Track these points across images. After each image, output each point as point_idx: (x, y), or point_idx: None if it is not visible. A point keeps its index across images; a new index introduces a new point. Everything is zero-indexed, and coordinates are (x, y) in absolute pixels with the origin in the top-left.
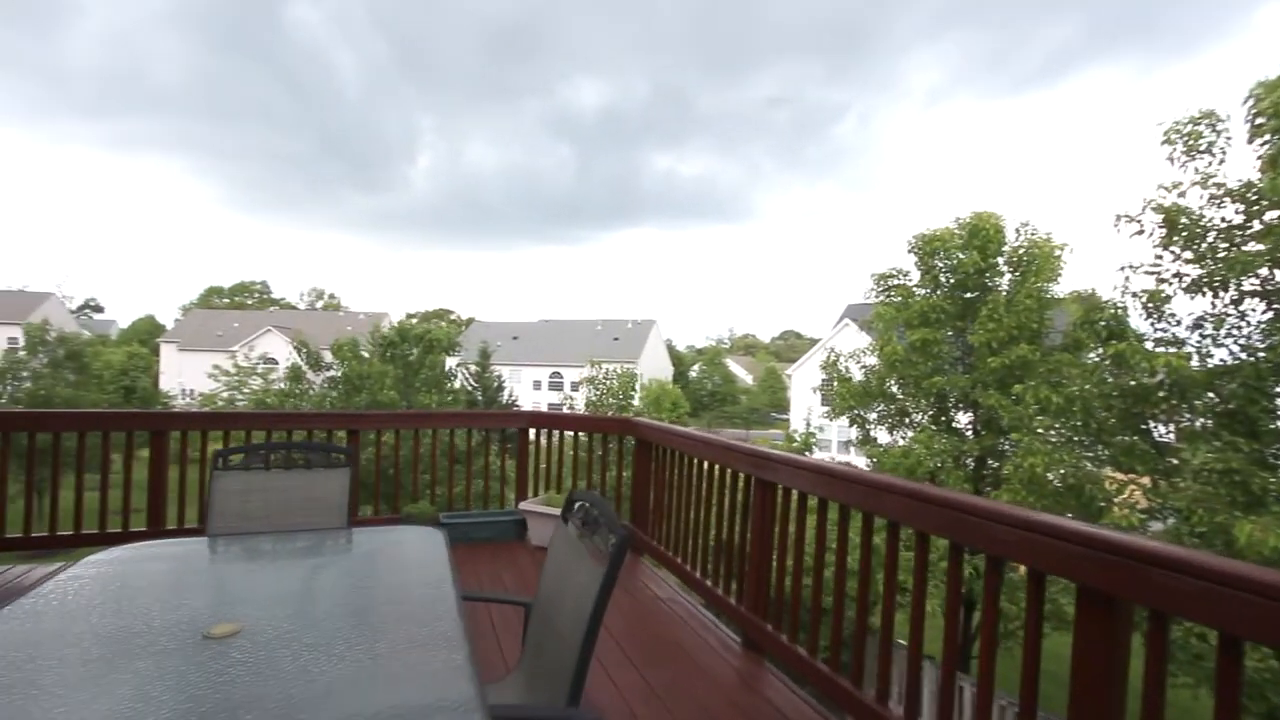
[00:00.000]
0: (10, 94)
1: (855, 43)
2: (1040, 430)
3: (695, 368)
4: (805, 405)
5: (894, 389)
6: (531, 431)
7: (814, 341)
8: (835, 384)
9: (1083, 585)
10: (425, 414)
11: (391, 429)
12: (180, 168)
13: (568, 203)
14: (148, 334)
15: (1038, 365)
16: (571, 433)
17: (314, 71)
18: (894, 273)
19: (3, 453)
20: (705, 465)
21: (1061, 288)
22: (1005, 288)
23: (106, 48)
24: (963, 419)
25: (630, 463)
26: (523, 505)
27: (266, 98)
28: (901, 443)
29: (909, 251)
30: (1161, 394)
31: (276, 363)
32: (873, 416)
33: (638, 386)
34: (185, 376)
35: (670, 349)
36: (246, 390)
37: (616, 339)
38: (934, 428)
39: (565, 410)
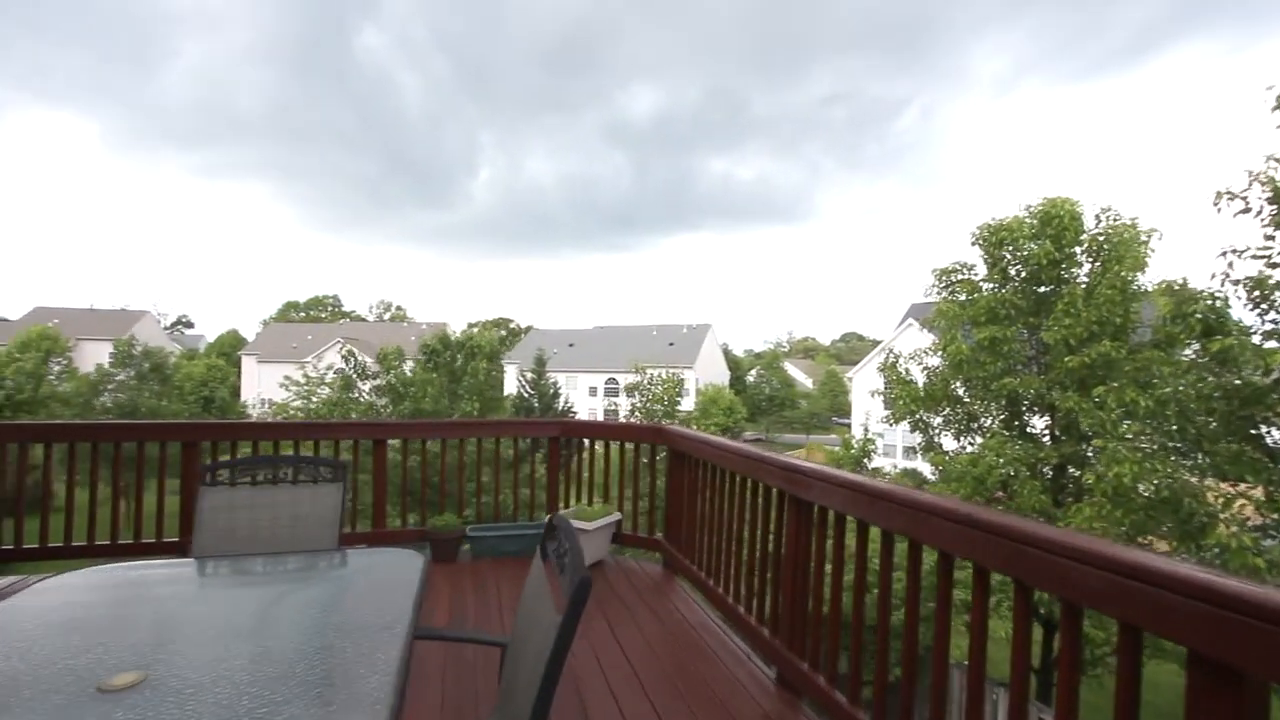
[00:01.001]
0: (115, 127)
1: (916, 34)
2: (1128, 436)
3: (753, 372)
4: (867, 409)
5: (960, 391)
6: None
7: (876, 343)
8: (894, 387)
9: (1196, 652)
10: (451, 423)
11: (418, 438)
12: (263, 191)
13: (624, 210)
14: (231, 347)
15: (1122, 364)
16: (602, 442)
17: (381, 95)
18: (958, 267)
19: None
20: (737, 478)
21: (1149, 278)
22: (1083, 279)
23: (198, 83)
24: (1038, 423)
25: (664, 473)
26: (550, 518)
27: (339, 122)
28: (970, 449)
29: (974, 244)
30: (1277, 395)
31: (343, 372)
32: (937, 421)
33: (684, 392)
34: (263, 387)
35: (727, 353)
36: (315, 399)
37: (672, 344)
38: (1006, 433)
39: (605, 418)
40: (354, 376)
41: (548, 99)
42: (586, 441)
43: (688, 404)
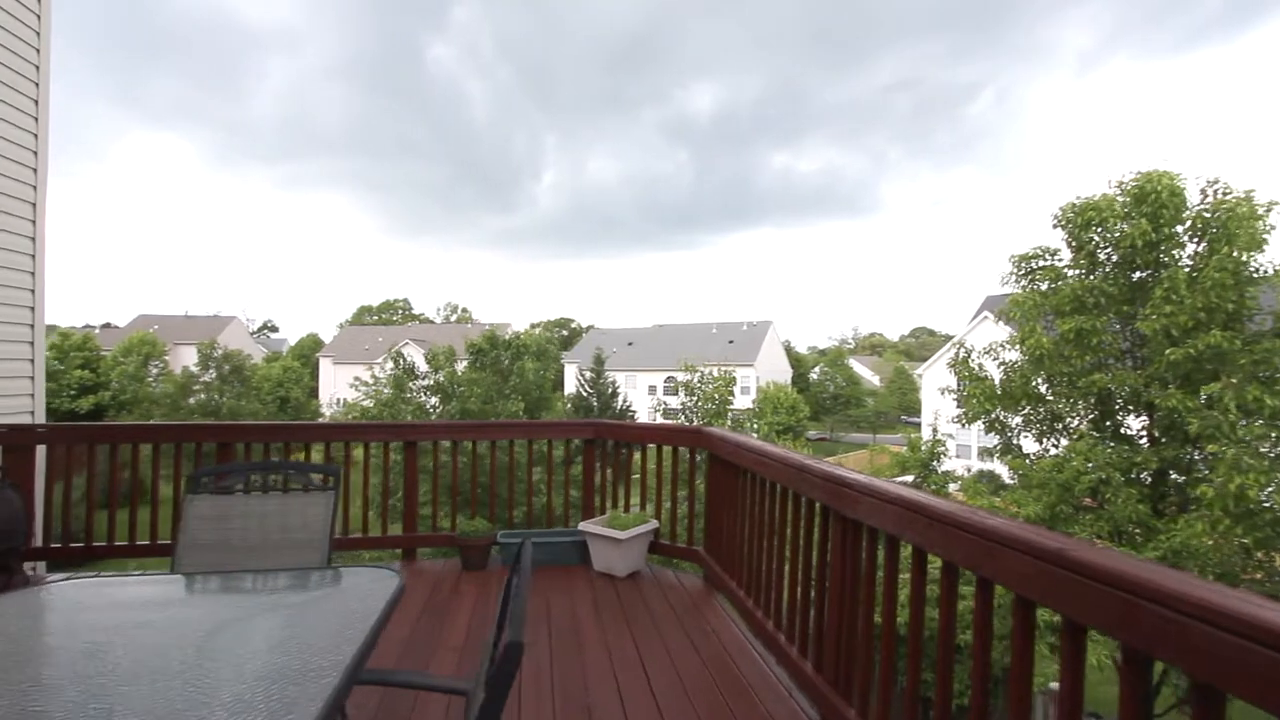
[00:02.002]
0: (207, 146)
1: (989, 14)
2: (1249, 439)
3: (816, 369)
4: (938, 408)
5: (1042, 388)
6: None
7: (949, 338)
8: (967, 384)
9: None
10: (481, 424)
11: (448, 440)
12: (343, 201)
13: (685, 208)
14: (310, 350)
15: (1237, 356)
16: (639, 445)
17: (451, 104)
18: (1038, 253)
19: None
20: (778, 488)
21: (1268, 258)
22: (1187, 262)
23: (282, 102)
24: (1133, 424)
25: (704, 478)
26: (582, 525)
27: (412, 133)
28: (1054, 452)
29: (1056, 226)
30: None
31: (424, 373)
32: (1016, 421)
33: (739, 390)
34: (338, 388)
35: (789, 350)
36: (374, 400)
37: (732, 342)
38: (1095, 435)
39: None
40: (404, 376)
41: (609, 100)
42: (623, 445)
43: (744, 402)
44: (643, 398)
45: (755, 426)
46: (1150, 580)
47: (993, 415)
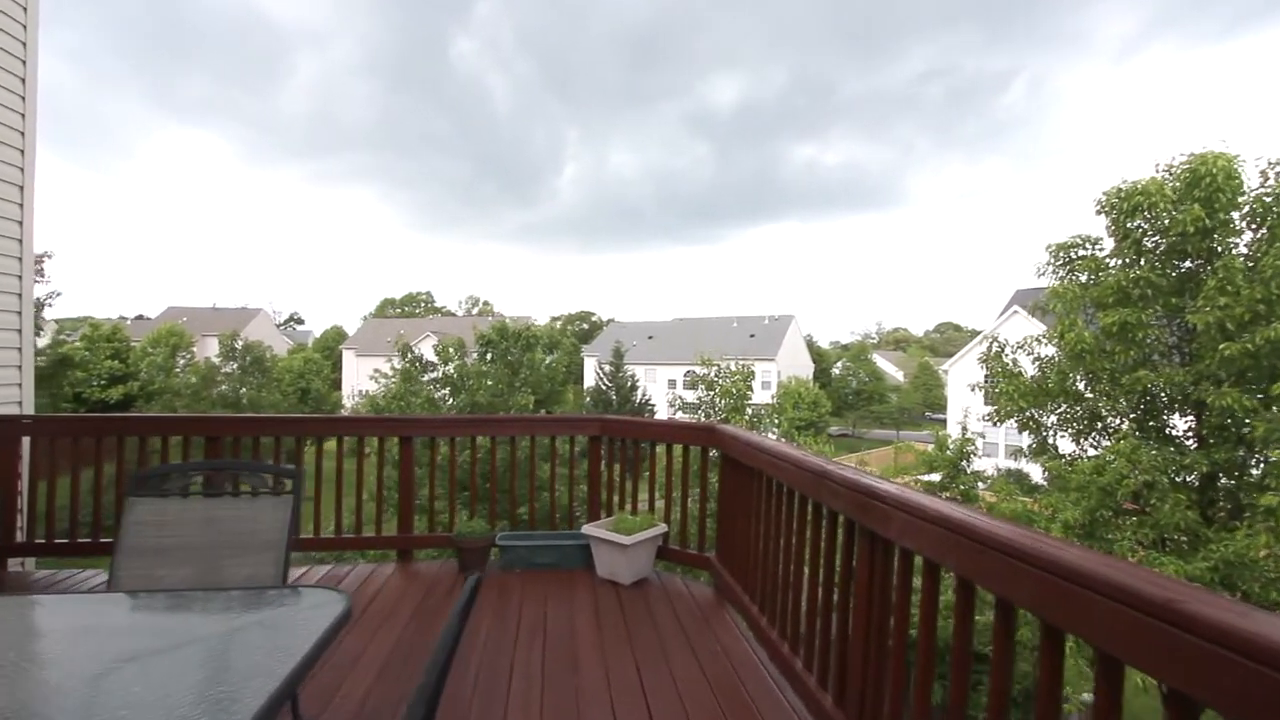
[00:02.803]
0: (238, 141)
1: (1020, 1)
2: None
3: (839, 364)
4: (965, 405)
5: (1080, 386)
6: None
7: (975, 333)
8: (1000, 380)
9: None
10: (482, 419)
11: (446, 435)
12: (368, 195)
13: (706, 201)
14: (335, 342)
15: None
16: (647, 443)
17: (473, 99)
18: (1078, 242)
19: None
20: (795, 496)
21: None
22: (1243, 250)
23: (311, 98)
24: (1180, 424)
25: (716, 480)
26: (586, 529)
27: (436, 128)
28: (1093, 453)
29: (1099, 212)
30: None
31: (433, 365)
32: (1050, 420)
33: (759, 384)
34: (360, 379)
35: (811, 345)
36: (413, 389)
37: (753, 336)
38: (1138, 435)
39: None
40: (413, 369)
41: (630, 93)
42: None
43: (765, 397)
44: (662, 391)
45: (776, 423)
46: None
47: (1027, 413)
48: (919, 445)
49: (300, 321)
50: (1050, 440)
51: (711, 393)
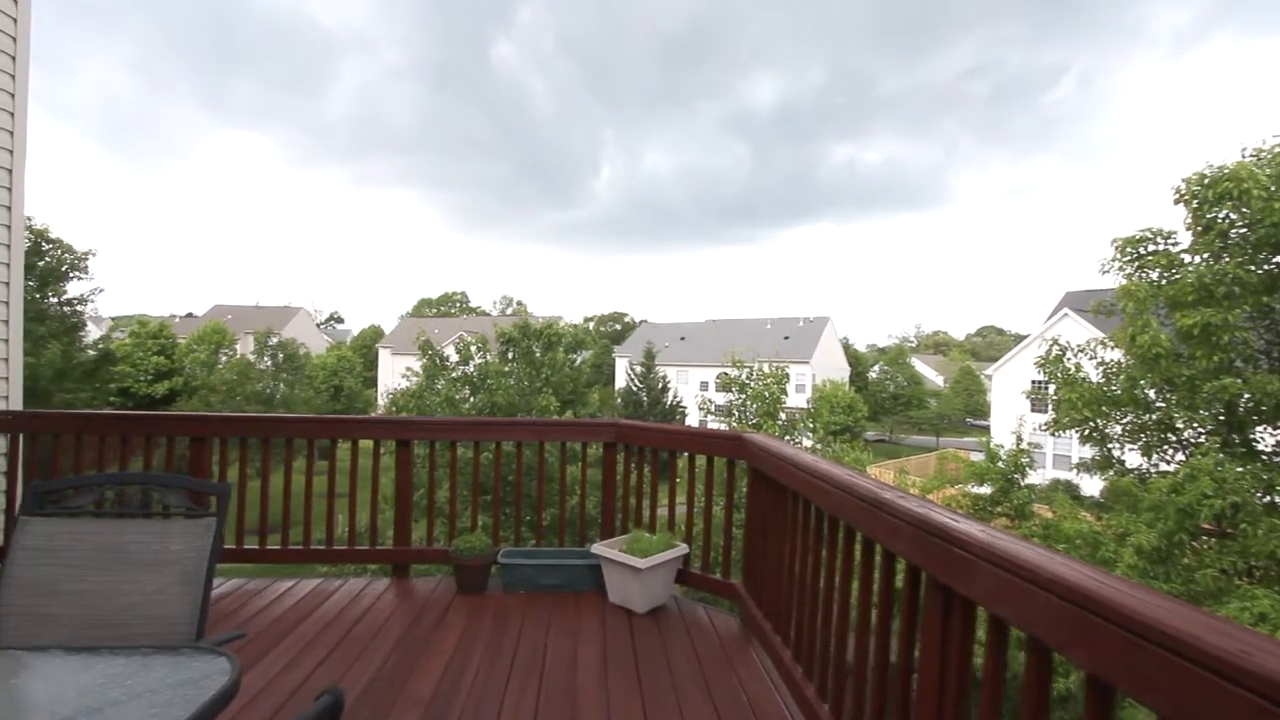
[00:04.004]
0: (287, 146)
1: None
2: None
3: (875, 368)
4: (1011, 411)
5: (1150, 393)
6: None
7: (1019, 337)
8: (1059, 387)
9: None
10: (486, 422)
11: (447, 440)
12: (410, 197)
13: (742, 202)
14: (372, 340)
15: None
16: (667, 451)
17: (514, 102)
18: (1149, 235)
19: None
20: (840, 527)
21: None
22: None
23: (355, 102)
24: (1269, 438)
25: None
26: (596, 548)
27: (476, 130)
28: (1166, 468)
29: (1177, 201)
30: None
31: (453, 364)
32: (1115, 430)
33: (793, 387)
34: (394, 378)
35: (847, 348)
36: (435, 388)
37: (787, 338)
38: (1221, 449)
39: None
40: (434, 367)
41: (668, 94)
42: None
43: (798, 400)
44: (694, 393)
45: (811, 428)
46: None
47: (1091, 423)
48: (960, 453)
49: (340, 320)
50: (1118, 453)
51: (743, 396)
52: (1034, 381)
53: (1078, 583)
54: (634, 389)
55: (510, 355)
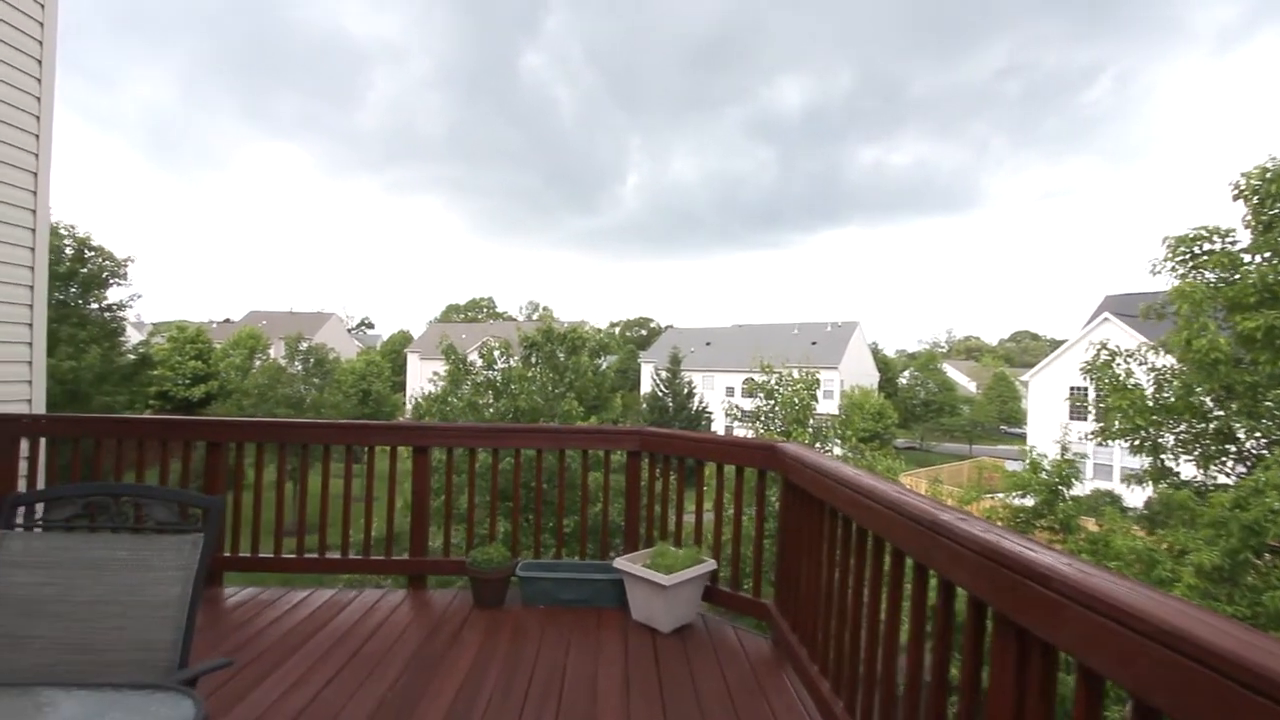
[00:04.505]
0: (321, 155)
1: None
2: None
3: (905, 374)
4: (1048, 418)
5: (1208, 401)
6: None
7: (1054, 343)
8: (1108, 393)
9: None
10: (504, 428)
11: (465, 447)
12: (438, 204)
13: (769, 206)
14: (401, 345)
15: None
16: (694, 461)
17: (541, 110)
18: (1205, 234)
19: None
20: (887, 549)
21: None
22: None
23: (387, 113)
24: None
25: (777, 509)
26: (619, 562)
27: (503, 139)
28: (1225, 481)
29: (1237, 197)
30: None
31: (477, 368)
32: (1168, 440)
33: (823, 393)
34: (422, 383)
35: (876, 353)
36: (458, 393)
37: (814, 343)
38: None
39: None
40: (458, 372)
41: (694, 100)
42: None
43: (828, 406)
44: (720, 398)
45: (843, 435)
46: None
47: (1142, 432)
48: (994, 461)
49: (370, 326)
50: (1169, 464)
51: (771, 402)
52: (1073, 388)
53: (1212, 642)
54: (659, 394)
55: (533, 360)
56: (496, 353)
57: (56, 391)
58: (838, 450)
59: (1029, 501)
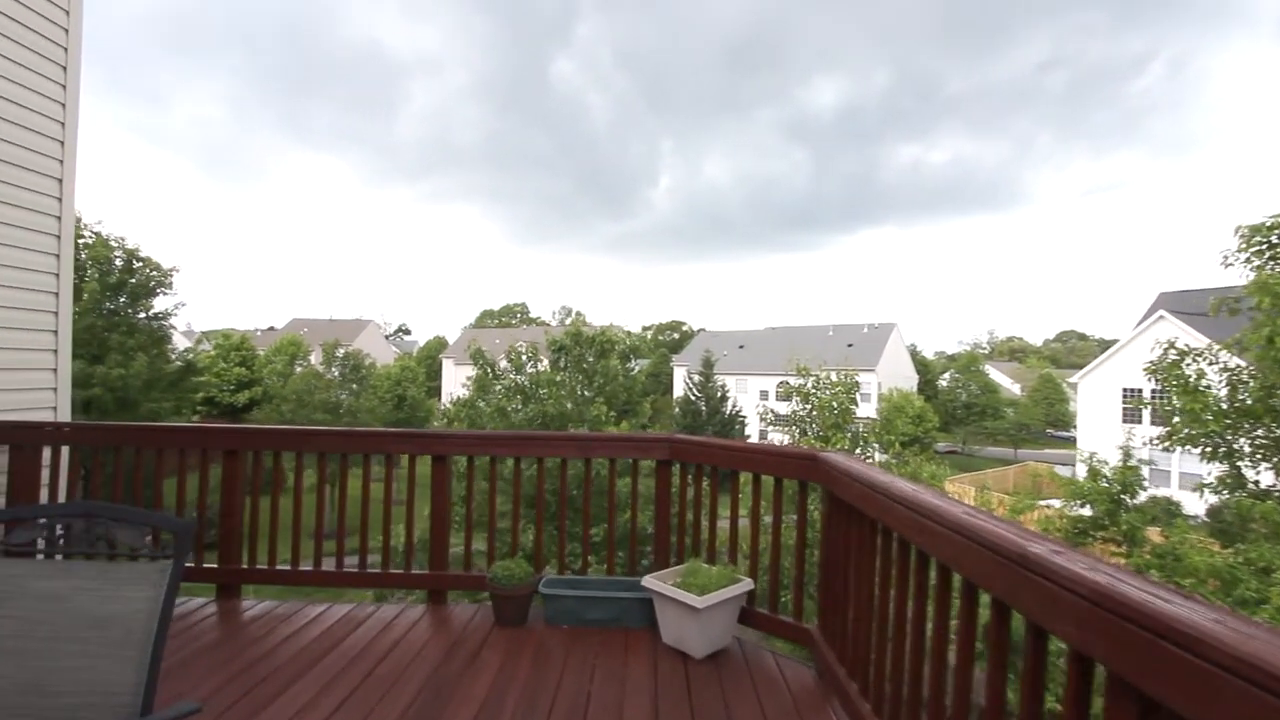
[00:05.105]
0: (361, 166)
1: None
2: None
3: (945, 376)
4: (1101, 422)
5: None
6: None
7: (1103, 343)
8: (1178, 395)
9: None
10: (528, 436)
11: (485, 455)
12: (474, 212)
13: (803, 208)
14: (436, 351)
15: None
16: (728, 470)
17: (572, 117)
18: None
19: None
20: (955, 582)
21: None
22: None
23: (425, 123)
24: None
25: (819, 522)
26: (648, 581)
27: (536, 146)
28: None
29: None
30: None
31: (505, 373)
32: (1245, 446)
33: (861, 396)
34: (457, 388)
35: (914, 355)
36: (487, 398)
37: (850, 345)
38: None
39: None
40: (486, 377)
41: (726, 103)
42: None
43: (865, 410)
44: (753, 402)
45: (888, 440)
46: None
47: (1217, 438)
48: (1040, 466)
49: (407, 332)
50: (1247, 471)
51: (808, 406)
52: (1126, 390)
53: None
54: (692, 398)
55: (562, 364)
56: (524, 357)
57: (108, 398)
58: (878, 456)
59: (1086, 511)
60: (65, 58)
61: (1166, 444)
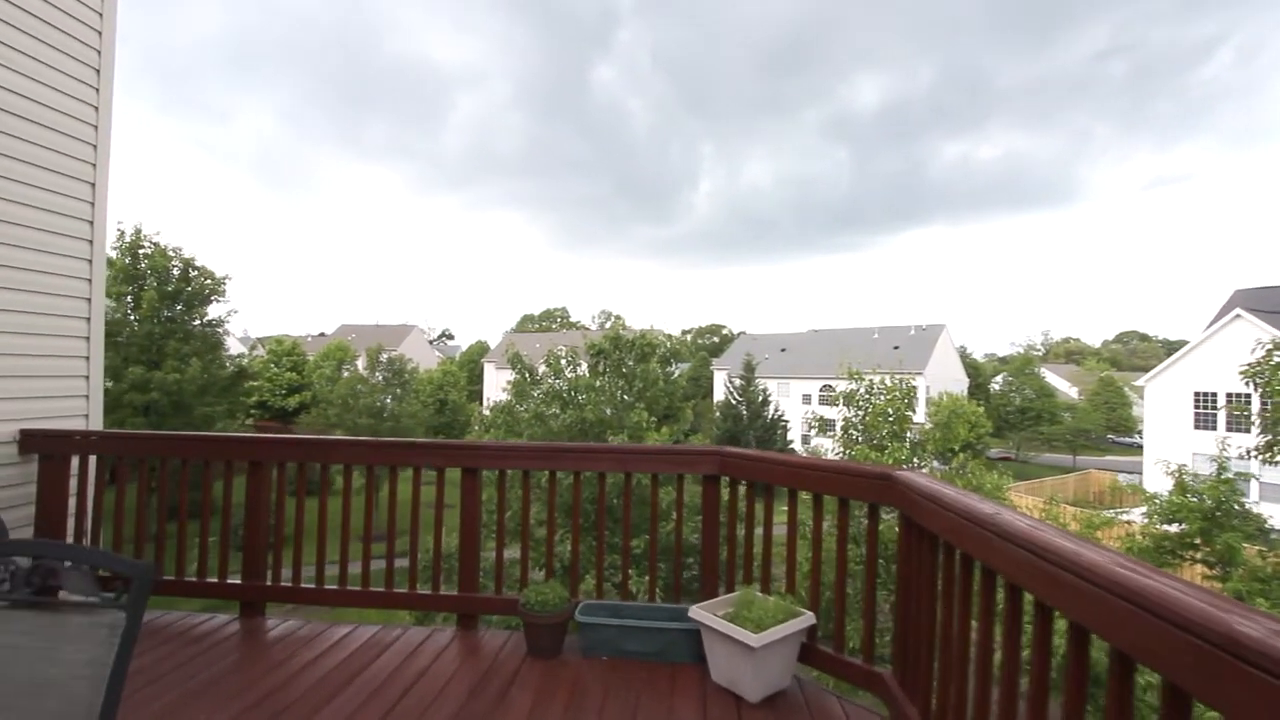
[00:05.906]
0: (410, 177)
1: None
2: None
3: (998, 379)
4: (1170, 427)
5: None
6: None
7: (1168, 344)
8: (1274, 399)
9: None
10: (565, 448)
11: (519, 468)
12: (517, 218)
13: (846, 208)
14: (478, 356)
15: None
16: (785, 489)
17: (613, 123)
18: None
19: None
20: (1097, 643)
21: None
22: None
23: (469, 133)
24: None
25: (891, 549)
26: (695, 611)
27: (578, 152)
28: None
29: None
30: None
31: (555, 378)
32: None
33: (916, 403)
34: (498, 392)
35: (964, 358)
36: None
37: (897, 347)
38: None
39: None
40: (524, 383)
41: (767, 103)
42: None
43: (918, 417)
44: (796, 406)
45: (942, 450)
46: None
47: None
48: (1103, 475)
49: (451, 337)
50: None
51: (861, 413)
52: (1198, 394)
53: None
54: (733, 402)
55: (601, 368)
56: (563, 362)
57: (165, 402)
58: (935, 466)
59: (1174, 528)
60: (99, 60)
61: (1266, 455)
